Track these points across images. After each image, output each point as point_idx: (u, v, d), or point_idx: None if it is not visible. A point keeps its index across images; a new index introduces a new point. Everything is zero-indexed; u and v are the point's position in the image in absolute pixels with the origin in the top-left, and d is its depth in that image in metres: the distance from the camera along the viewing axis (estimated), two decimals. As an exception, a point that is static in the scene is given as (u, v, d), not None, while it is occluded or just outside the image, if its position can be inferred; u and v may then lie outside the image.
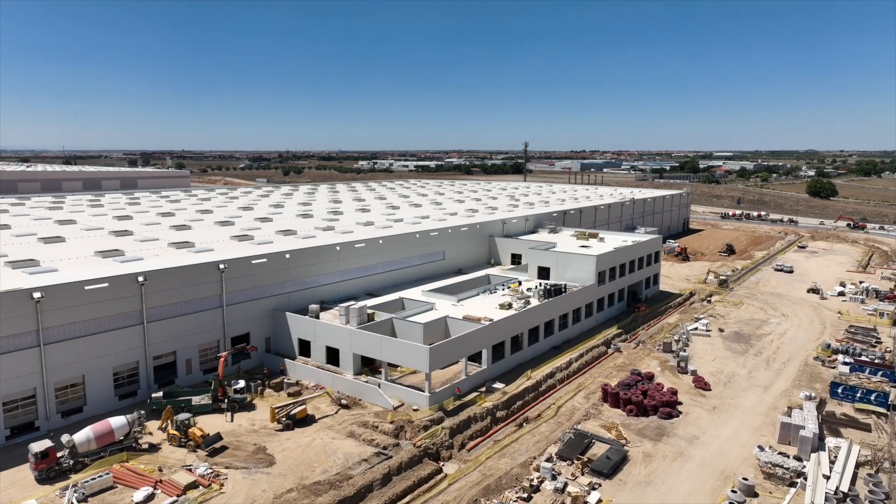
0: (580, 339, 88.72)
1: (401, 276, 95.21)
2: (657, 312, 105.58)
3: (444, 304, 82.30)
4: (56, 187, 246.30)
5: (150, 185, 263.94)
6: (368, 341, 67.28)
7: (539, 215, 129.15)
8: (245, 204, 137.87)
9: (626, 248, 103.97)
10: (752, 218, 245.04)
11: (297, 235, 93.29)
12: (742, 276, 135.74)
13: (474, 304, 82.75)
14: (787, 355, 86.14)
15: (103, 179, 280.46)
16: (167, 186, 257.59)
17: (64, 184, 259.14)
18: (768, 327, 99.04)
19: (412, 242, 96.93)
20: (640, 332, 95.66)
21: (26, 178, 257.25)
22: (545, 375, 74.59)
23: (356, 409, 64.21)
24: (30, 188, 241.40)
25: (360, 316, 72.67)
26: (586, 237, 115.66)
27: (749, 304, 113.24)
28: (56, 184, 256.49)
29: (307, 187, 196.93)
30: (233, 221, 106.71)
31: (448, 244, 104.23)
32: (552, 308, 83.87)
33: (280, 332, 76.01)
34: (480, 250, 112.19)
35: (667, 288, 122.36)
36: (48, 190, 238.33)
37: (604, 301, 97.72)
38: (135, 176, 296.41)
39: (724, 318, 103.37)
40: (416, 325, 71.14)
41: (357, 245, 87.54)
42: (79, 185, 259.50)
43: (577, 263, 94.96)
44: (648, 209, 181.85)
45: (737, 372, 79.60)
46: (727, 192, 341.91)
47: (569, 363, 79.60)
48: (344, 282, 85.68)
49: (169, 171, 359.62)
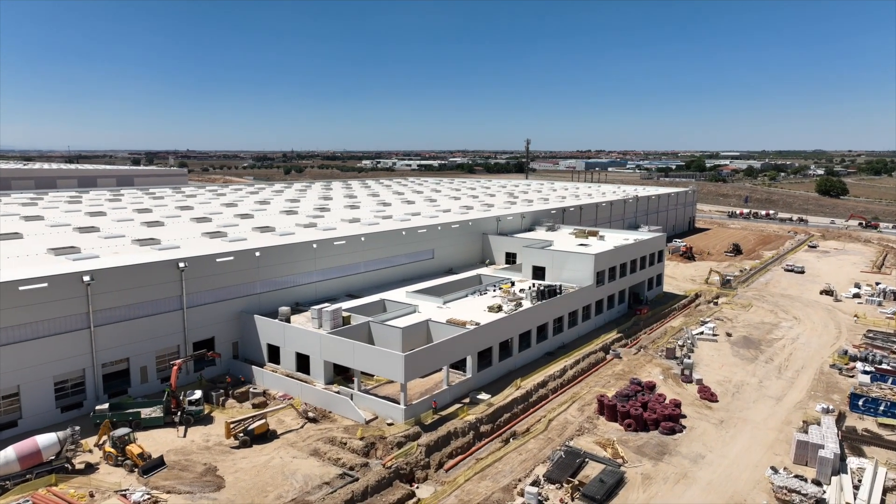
0: (576, 344, 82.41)
1: (386, 276, 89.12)
2: (660, 315, 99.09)
3: (428, 307, 76.17)
4: (51, 185, 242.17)
5: (147, 183, 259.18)
6: (340, 348, 61.18)
7: (536, 212, 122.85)
8: (230, 200, 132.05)
9: (627, 247, 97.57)
10: (760, 217, 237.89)
11: (276, 232, 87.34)
12: (751, 277, 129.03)
13: (461, 307, 76.60)
14: (800, 362, 79.58)
15: (99, 177, 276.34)
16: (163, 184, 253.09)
17: (59, 182, 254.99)
18: (779, 331, 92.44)
19: (398, 240, 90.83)
20: (641, 337, 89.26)
21: (20, 176, 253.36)
22: (536, 385, 68.31)
23: (324, 423, 58.12)
24: (23, 185, 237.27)
25: (334, 319, 66.61)
26: (585, 235, 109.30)
27: (758, 306, 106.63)
28: (51, 182, 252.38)
29: (300, 184, 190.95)
30: (210, 218, 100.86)
31: (437, 242, 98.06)
32: (545, 311, 77.62)
33: (248, 336, 70.03)
34: (473, 249, 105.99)
35: (671, 289, 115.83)
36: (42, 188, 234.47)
37: (602, 303, 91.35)
38: (131, 174, 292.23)
39: (731, 322, 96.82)
40: (394, 329, 65.03)
41: (336, 242, 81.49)
42: (74, 182, 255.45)
43: (573, 263, 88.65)
44: (653, 207, 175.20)
45: (746, 381, 73.12)
46: (734, 190, 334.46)
47: (563, 371, 73.32)
48: (322, 282, 79.64)
49: (166, 170, 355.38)
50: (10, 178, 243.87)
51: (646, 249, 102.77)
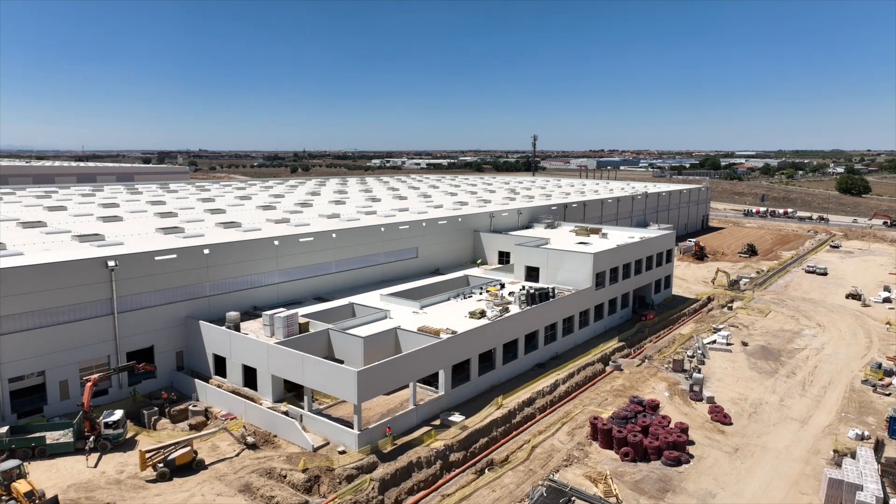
0: (572, 354, 73.27)
1: (362, 276, 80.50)
2: (668, 321, 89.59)
3: (402, 312, 67.49)
4: (48, 182, 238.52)
5: (147, 181, 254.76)
6: (287, 360, 52.58)
7: (535, 209, 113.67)
8: (210, 196, 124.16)
9: (631, 246, 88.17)
10: (777, 215, 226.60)
11: (241, 228, 79.03)
12: (769, 279, 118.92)
13: (440, 312, 67.81)
14: (826, 377, 69.90)
15: (98, 175, 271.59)
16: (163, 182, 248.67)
17: (57, 178, 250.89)
18: (802, 340, 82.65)
19: (376, 237, 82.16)
20: (646, 346, 79.92)
21: (18, 174, 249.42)
22: (521, 403, 59.29)
23: (266, 450, 49.55)
24: (20, 182, 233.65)
25: (289, 326, 58.13)
26: (587, 233, 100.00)
27: (778, 311, 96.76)
28: (49, 178, 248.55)
29: (294, 181, 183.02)
30: (176, 213, 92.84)
31: (422, 240, 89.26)
32: (536, 317, 68.58)
33: (195, 345, 61.66)
34: (463, 247, 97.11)
35: (681, 292, 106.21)
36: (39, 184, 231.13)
37: (603, 307, 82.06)
38: (132, 171, 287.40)
39: (747, 329, 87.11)
40: (355, 339, 56.37)
41: (303, 239, 72.96)
42: (73, 179, 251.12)
43: (570, 263, 79.48)
44: (663, 204, 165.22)
45: (765, 399, 63.64)
46: (750, 188, 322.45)
47: (554, 386, 64.23)
48: (286, 283, 71.17)
49: (168, 167, 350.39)
50: (8, 174, 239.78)
51: (652, 249, 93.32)
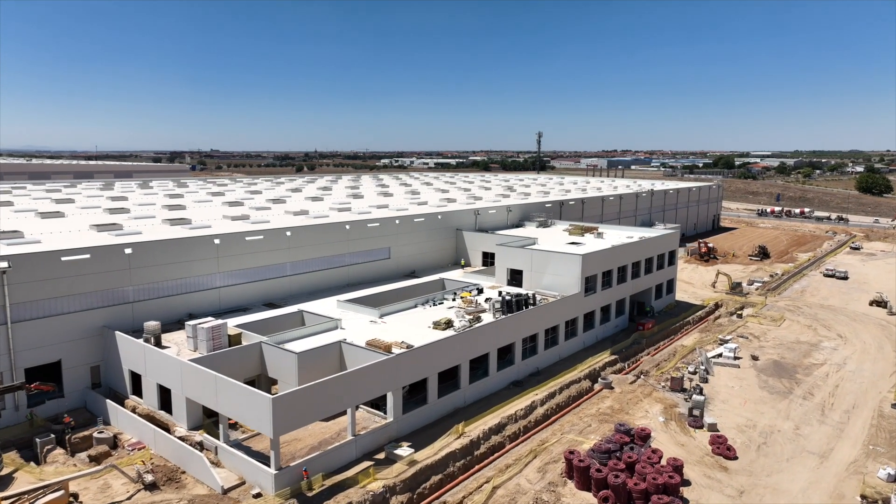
0: (555, 369, 64.31)
1: (324, 279, 72.10)
2: (669, 331, 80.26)
3: (358, 321, 58.93)
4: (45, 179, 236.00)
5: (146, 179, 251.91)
6: (200, 381, 44.12)
7: (527, 206, 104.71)
8: (182, 192, 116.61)
9: (629, 246, 78.96)
10: (793, 215, 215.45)
11: (190, 225, 70.90)
12: (783, 283, 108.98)
13: (402, 322, 59.18)
14: (850, 399, 60.36)
15: (96, 172, 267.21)
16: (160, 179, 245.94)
17: (53, 176, 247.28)
18: (820, 354, 73.01)
19: (340, 235, 73.70)
20: (642, 360, 70.71)
21: (12, 171, 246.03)
22: (488, 430, 50.45)
23: (167, 491, 41.11)
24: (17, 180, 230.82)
25: (214, 339, 49.80)
26: (581, 232, 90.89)
27: (793, 319, 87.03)
28: (45, 176, 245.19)
29: (285, 179, 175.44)
30: (128, 209, 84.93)
31: (395, 239, 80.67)
32: (512, 327, 59.68)
33: (112, 359, 53.45)
34: (444, 247, 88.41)
35: (686, 297, 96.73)
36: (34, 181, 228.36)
37: (594, 316, 72.97)
38: (130, 169, 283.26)
39: (758, 340, 77.58)
40: (289, 354, 47.87)
41: (250, 238, 64.62)
42: (70, 177, 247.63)
43: (556, 265, 70.49)
44: (670, 203, 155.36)
45: (777, 426, 54.28)
46: (765, 188, 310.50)
47: (530, 408, 55.32)
48: (229, 287, 62.86)
49: (167, 166, 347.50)
50: (2, 171, 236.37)
51: (652, 250, 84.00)
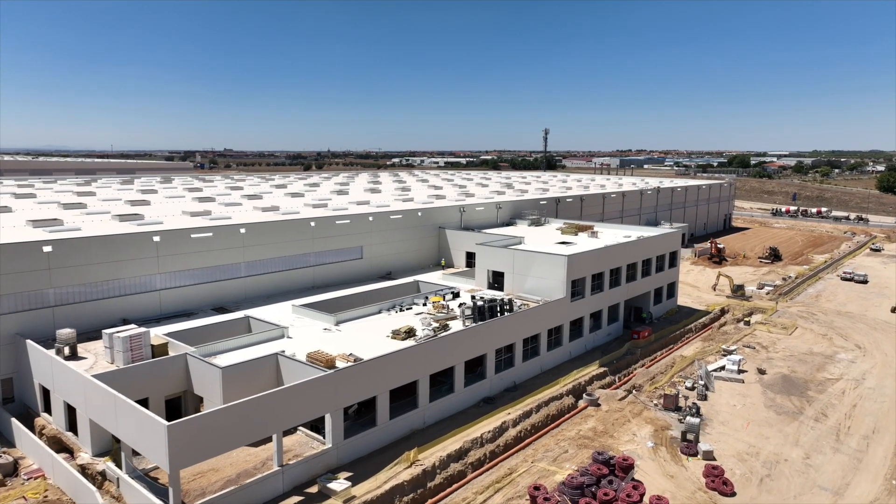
0: (535, 383, 57.47)
1: (285, 281, 65.86)
2: (668, 339, 73.04)
3: (310, 329, 52.58)
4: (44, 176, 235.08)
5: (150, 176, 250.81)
6: (101, 401, 37.89)
7: (520, 202, 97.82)
8: (157, 188, 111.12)
9: (623, 246, 71.87)
10: (810, 215, 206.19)
11: (142, 221, 64.80)
12: (796, 287, 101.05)
13: (359, 330, 52.72)
14: (869, 421, 52.92)
15: (99, 170, 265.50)
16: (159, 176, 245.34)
17: (54, 173, 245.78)
18: (836, 367, 65.47)
19: (304, 233, 67.40)
20: (636, 372, 63.65)
21: (14, 168, 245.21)
22: (446, 457, 43.75)
23: (52, 532, 34.89)
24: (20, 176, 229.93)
25: (134, 349, 43.58)
26: (574, 231, 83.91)
27: (806, 327, 79.39)
28: (47, 173, 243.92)
29: (280, 175, 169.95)
30: (86, 205, 79.28)
31: (369, 237, 74.25)
32: (483, 336, 52.95)
33: (25, 372, 47.44)
34: (425, 247, 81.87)
35: (689, 302, 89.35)
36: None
37: (582, 323, 65.99)
38: (134, 167, 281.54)
39: (766, 351, 70.16)
40: (213, 369, 41.54)
41: (197, 235, 58.43)
42: (71, 174, 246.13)
43: (540, 267, 63.64)
44: (678, 201, 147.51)
45: (784, 454, 47.07)
46: (781, 187, 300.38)
47: (500, 430, 48.55)
48: (171, 290, 56.72)
49: (170, 164, 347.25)
50: (4, 168, 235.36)
51: (651, 250, 76.81)
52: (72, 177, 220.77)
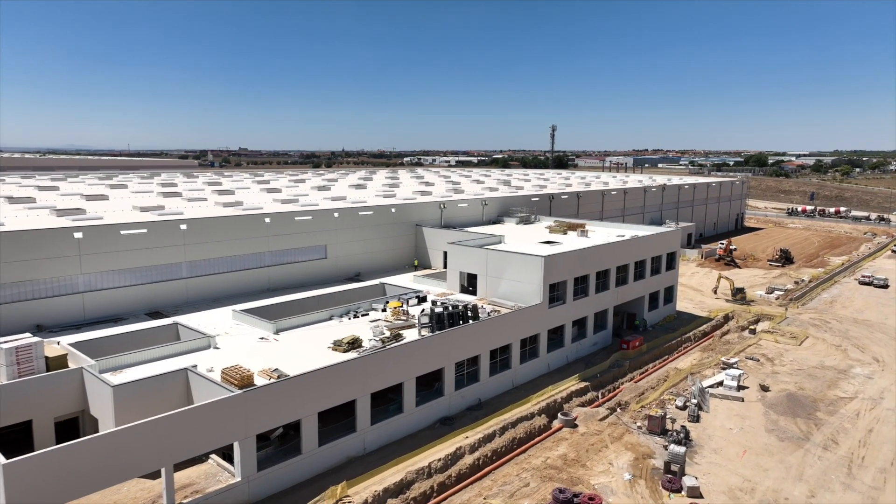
0: (505, 401, 50.92)
1: (235, 282, 59.96)
2: (663, 349, 66.02)
3: (246, 338, 46.48)
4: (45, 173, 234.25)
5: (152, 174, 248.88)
6: (-44, 428, 31.98)
7: (508, 199, 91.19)
8: (126, 183, 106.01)
9: (612, 247, 64.99)
10: (827, 215, 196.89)
11: (78, 216, 59.13)
12: (809, 292, 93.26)
13: (300, 340, 46.56)
14: (887, 451, 45.63)
15: (103, 168, 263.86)
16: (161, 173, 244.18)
17: (56, 171, 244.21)
18: (850, 384, 58.06)
19: (258, 230, 61.42)
20: (623, 387, 56.76)
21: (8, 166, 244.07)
22: (381, 492, 37.37)
23: None
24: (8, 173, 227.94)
25: (22, 362, 37.72)
26: (563, 230, 77.14)
27: (818, 337, 71.89)
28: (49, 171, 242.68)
29: (272, 173, 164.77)
30: (35, 199, 74.05)
31: (334, 235, 68.15)
32: (440, 348, 46.48)
33: (-87, 384, 41.73)
34: (400, 246, 75.63)
35: (691, 308, 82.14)
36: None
37: (563, 331, 59.22)
38: (139, 165, 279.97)
39: (772, 364, 62.89)
40: (104, 387, 35.51)
41: (127, 231, 52.61)
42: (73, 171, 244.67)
43: (515, 269, 57.02)
44: (685, 199, 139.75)
45: (784, 492, 40.04)
46: (798, 186, 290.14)
47: (454, 458, 42.06)
48: (98, 292, 50.96)
49: (175, 161, 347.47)
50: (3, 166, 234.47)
51: (646, 251, 69.83)
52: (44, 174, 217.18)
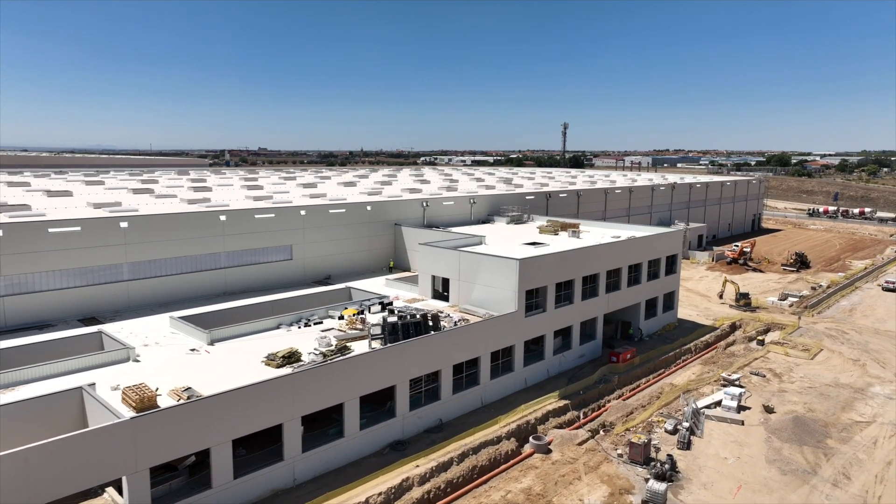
0: (470, 421, 45.32)
1: (185, 285, 55.20)
2: (659, 363, 59.82)
3: (175, 348, 41.48)
4: None
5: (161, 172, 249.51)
6: None
7: (500, 197, 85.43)
8: (102, 179, 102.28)
9: (601, 249, 58.97)
10: (851, 216, 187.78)
11: (23, 213, 54.85)
12: (826, 299, 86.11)
13: (236, 351, 41.42)
14: (908, 488, 39.19)
15: (115, 166, 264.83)
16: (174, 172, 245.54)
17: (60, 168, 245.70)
18: (867, 406, 51.45)
19: (210, 229, 56.57)
20: (609, 406, 50.86)
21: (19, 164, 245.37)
22: (304, 534, 32.02)
23: None
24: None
25: None
26: (555, 230, 71.25)
27: (833, 349, 65.13)
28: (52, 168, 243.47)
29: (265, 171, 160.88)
30: None
31: (300, 235, 63.11)
32: (392, 363, 41.01)
33: None
34: (377, 246, 70.41)
35: (695, 316, 75.74)
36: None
37: (542, 343, 53.38)
38: (151, 163, 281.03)
39: (779, 381, 56.42)
40: (-23, 410, 30.61)
41: (56, 229, 47.95)
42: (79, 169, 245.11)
43: (488, 273, 51.39)
44: (697, 198, 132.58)
45: (783, 540, 33.91)
46: (821, 186, 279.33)
47: (399, 491, 36.59)
48: (22, 296, 46.39)
49: (187, 159, 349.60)
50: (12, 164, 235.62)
51: (642, 253, 63.69)
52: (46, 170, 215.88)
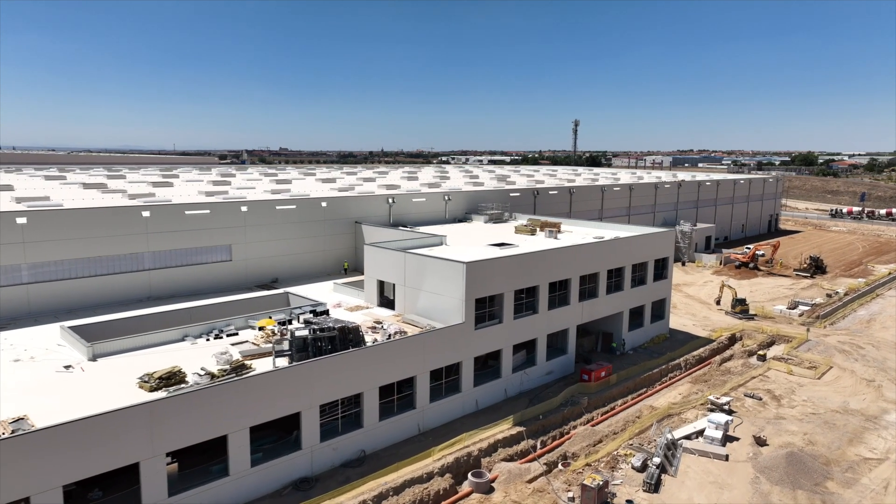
0: (401, 453, 38.61)
1: (100, 289, 49.49)
2: (640, 381, 52.44)
3: (49, 364, 35.48)
4: None
5: None
6: None
7: (479, 194, 78.51)
8: (59, 175, 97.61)
9: (571, 251, 51.79)
10: (877, 217, 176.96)
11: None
12: (841, 308, 77.62)
13: (116, 369, 35.26)
14: (924, 551, 31.53)
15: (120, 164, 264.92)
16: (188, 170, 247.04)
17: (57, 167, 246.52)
18: (879, 439, 43.58)
19: (131, 227, 50.61)
20: (574, 433, 43.73)
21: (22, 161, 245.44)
22: None
23: None
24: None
25: None
26: (532, 230, 64.21)
27: (845, 367, 57.05)
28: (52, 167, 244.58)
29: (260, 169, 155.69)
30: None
31: (241, 233, 56.99)
32: (295, 386, 34.46)
33: None
34: (335, 247, 64.12)
35: (690, 326, 68.09)
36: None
37: (499, 358, 46.41)
38: (167, 161, 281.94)
39: (777, 405, 48.72)
40: None
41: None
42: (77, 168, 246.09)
43: (433, 278, 44.64)
44: (707, 197, 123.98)
45: None
46: (847, 186, 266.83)
47: (287, 544, 29.99)
48: None
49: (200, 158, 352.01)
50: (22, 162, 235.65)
51: (625, 256, 56.34)
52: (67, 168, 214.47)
